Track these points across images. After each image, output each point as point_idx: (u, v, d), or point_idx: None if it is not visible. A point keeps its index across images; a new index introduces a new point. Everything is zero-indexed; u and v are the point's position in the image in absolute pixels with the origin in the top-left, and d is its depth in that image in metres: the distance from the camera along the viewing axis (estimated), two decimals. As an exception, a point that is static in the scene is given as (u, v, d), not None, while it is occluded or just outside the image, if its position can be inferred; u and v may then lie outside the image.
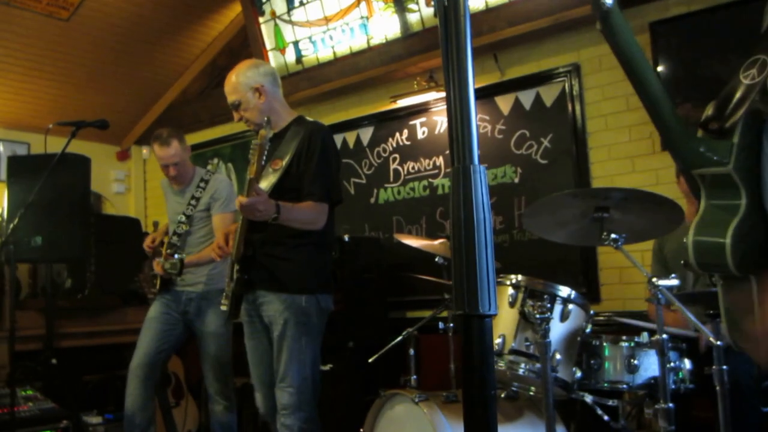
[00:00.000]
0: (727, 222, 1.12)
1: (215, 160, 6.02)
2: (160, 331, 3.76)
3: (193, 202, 3.84)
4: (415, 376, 3.27)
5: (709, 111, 1.20)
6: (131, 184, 6.85)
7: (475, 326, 0.83)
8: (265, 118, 2.72)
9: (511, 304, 2.75)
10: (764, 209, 1.14)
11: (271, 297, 2.89)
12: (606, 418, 2.72)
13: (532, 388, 2.88)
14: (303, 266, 2.91)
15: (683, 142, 1.18)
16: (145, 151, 6.74)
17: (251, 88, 2.99)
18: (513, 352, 2.69)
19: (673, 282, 2.46)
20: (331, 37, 4.95)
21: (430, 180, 4.76)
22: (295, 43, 5.12)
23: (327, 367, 3.95)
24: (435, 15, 0.89)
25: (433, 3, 4.27)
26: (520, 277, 2.79)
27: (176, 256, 3.77)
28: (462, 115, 0.85)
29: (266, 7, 5.17)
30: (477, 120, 4.63)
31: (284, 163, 2.87)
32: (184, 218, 3.82)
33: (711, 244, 1.14)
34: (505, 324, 2.74)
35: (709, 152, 1.15)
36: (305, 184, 2.84)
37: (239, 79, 3.01)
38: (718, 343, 2.41)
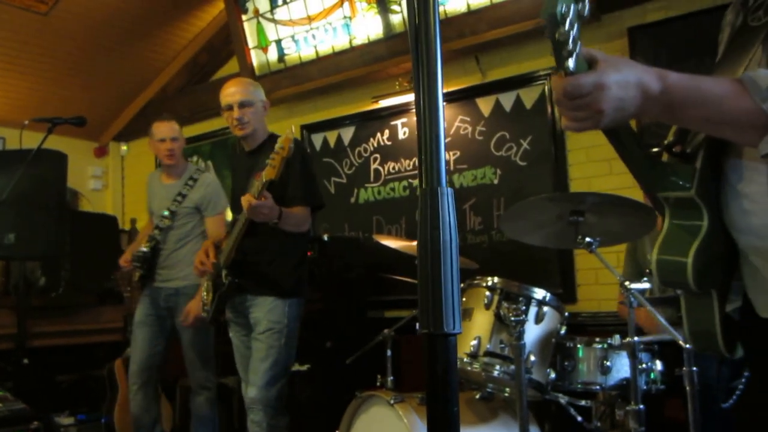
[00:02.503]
0: (689, 242, 1.16)
1: (194, 158, 6.01)
2: (150, 335, 3.83)
3: (179, 198, 3.86)
4: (392, 377, 3.28)
5: (671, 137, 1.24)
6: (108, 181, 6.81)
7: (440, 345, 0.85)
8: (293, 128, 2.95)
9: (487, 306, 2.78)
10: (725, 229, 1.18)
11: (259, 300, 3.10)
12: (579, 418, 2.76)
13: (507, 390, 2.91)
14: (289, 271, 3.14)
15: (646, 167, 1.21)
16: (123, 147, 6.69)
17: (261, 101, 3.28)
18: (488, 354, 2.71)
19: (645, 285, 2.50)
20: (313, 36, 4.95)
21: (410, 180, 4.78)
22: (278, 42, 5.11)
23: (304, 367, 3.96)
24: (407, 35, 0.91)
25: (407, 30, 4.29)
26: (495, 279, 2.82)
27: (143, 249, 3.81)
28: (431, 138, 0.87)
29: (249, 5, 5.15)
30: (453, 123, 4.64)
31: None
32: (167, 213, 3.84)
33: (673, 263, 1.17)
34: (480, 326, 2.77)
35: (673, 176, 1.18)
36: (290, 191, 3.05)
37: (255, 88, 3.28)
38: (688, 346, 2.45)
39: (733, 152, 1.17)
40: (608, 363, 2.71)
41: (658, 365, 2.77)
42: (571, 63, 1.01)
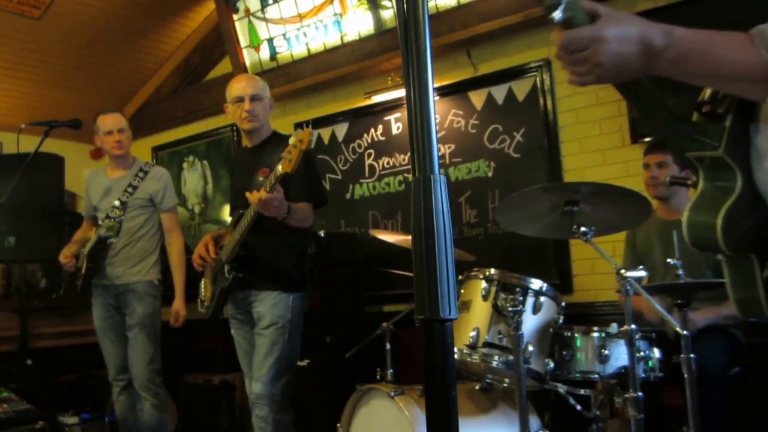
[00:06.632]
0: (721, 202, 1.13)
1: (190, 158, 6.01)
2: (116, 339, 3.84)
3: (129, 189, 3.83)
4: (391, 370, 3.30)
5: (705, 94, 1.20)
6: (106, 183, 6.80)
7: (437, 330, 0.87)
8: (310, 126, 2.94)
9: (485, 298, 2.79)
10: (757, 191, 1.14)
11: (263, 295, 3.11)
12: (578, 407, 2.77)
13: (506, 380, 2.94)
14: (292, 266, 3.16)
15: (671, 126, 1.18)
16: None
17: (268, 98, 3.33)
18: (487, 344, 2.73)
19: (641, 273, 2.52)
20: (305, 34, 4.96)
21: (405, 175, 4.80)
22: (270, 40, 5.12)
23: (304, 363, 3.98)
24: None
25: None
26: (492, 270, 2.83)
27: (91, 241, 3.77)
28: (422, 126, 0.88)
29: (240, 5, 5.16)
30: (446, 117, 4.64)
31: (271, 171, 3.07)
32: (118, 203, 3.79)
33: (703, 223, 1.15)
34: (478, 317, 2.78)
35: (701, 135, 1.16)
36: (293, 187, 3.03)
37: (264, 85, 3.32)
38: (685, 332, 2.47)
39: (756, 108, 1.15)
40: (606, 351, 2.73)
41: (656, 353, 2.79)
42: (557, 14, 0.99)
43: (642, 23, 1.06)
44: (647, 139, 3.71)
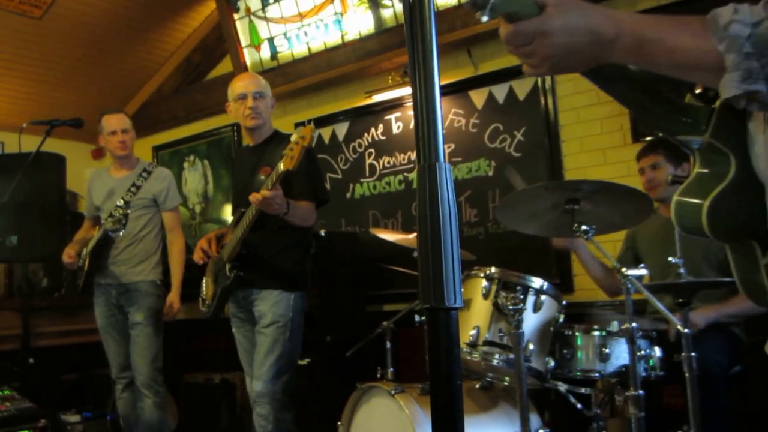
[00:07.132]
0: (711, 187, 1.09)
1: (191, 158, 6.01)
2: (119, 337, 3.87)
3: (133, 189, 3.85)
4: (392, 369, 3.30)
5: None
6: (106, 182, 6.79)
7: (442, 319, 0.86)
8: (312, 123, 2.93)
9: (485, 296, 2.79)
10: (757, 177, 1.09)
11: (264, 293, 3.12)
12: (579, 406, 2.77)
13: (507, 378, 2.93)
14: (294, 265, 3.17)
15: (656, 109, 1.13)
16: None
17: (271, 97, 3.38)
18: (487, 343, 2.73)
19: (642, 272, 2.52)
20: (305, 33, 4.96)
21: (406, 174, 4.80)
22: (270, 40, 5.12)
23: (305, 362, 3.98)
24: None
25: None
26: (493, 269, 2.82)
27: (94, 238, 3.77)
28: (428, 114, 0.87)
29: (241, 4, 5.16)
30: (447, 116, 4.63)
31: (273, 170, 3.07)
32: (122, 202, 3.79)
33: (689, 205, 1.11)
34: (479, 316, 2.78)
35: (687, 118, 1.11)
36: (295, 186, 3.04)
37: (267, 83, 3.35)
38: (686, 330, 2.47)
39: None
40: (607, 350, 2.72)
41: (657, 351, 2.78)
42: (483, 17, 0.94)
43: (593, 12, 1.01)
44: (648, 139, 3.71)
